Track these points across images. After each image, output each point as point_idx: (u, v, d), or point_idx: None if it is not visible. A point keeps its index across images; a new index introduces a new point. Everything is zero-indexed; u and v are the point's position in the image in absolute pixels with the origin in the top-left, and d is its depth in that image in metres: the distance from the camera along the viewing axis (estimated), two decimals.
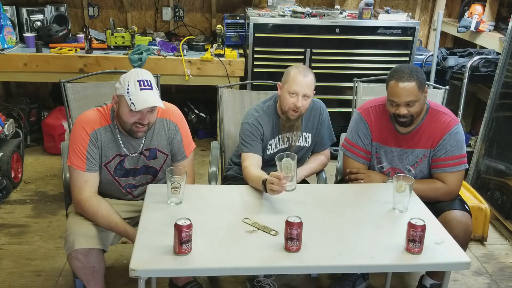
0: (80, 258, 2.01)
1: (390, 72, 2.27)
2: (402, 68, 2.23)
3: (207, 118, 4.40)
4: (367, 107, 2.42)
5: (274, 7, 4.16)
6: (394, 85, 2.20)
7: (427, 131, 2.31)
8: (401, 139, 2.35)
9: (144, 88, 2.02)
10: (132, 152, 2.18)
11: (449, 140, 2.28)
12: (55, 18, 4.06)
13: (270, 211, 1.98)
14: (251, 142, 2.39)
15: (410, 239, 1.75)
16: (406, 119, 2.24)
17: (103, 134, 2.12)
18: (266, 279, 2.46)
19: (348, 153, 2.44)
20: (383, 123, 2.37)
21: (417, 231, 1.72)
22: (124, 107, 2.04)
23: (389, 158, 2.39)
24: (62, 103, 2.71)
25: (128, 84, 2.01)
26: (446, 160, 2.28)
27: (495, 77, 3.44)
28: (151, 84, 2.06)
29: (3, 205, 3.28)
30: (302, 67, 2.36)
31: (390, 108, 2.26)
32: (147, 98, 2.02)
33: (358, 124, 2.41)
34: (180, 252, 1.67)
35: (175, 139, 2.24)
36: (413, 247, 1.74)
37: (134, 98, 2.00)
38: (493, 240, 3.14)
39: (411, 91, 2.17)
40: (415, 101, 2.19)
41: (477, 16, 4.02)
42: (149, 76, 2.07)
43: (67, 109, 2.65)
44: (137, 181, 2.25)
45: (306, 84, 2.32)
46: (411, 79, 2.17)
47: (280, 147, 2.48)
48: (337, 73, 3.90)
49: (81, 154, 2.08)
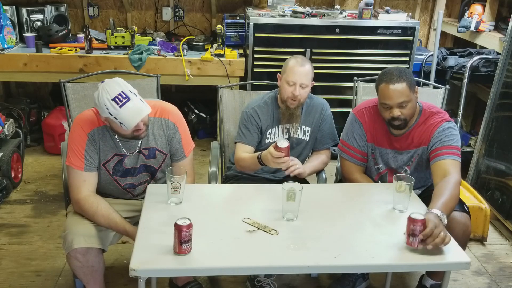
0: (79, 258, 2.01)
1: (379, 76, 2.27)
2: (390, 71, 2.23)
3: (207, 118, 4.40)
4: (361, 108, 2.43)
5: (274, 7, 4.16)
6: (385, 87, 2.20)
7: (419, 131, 2.31)
8: (395, 141, 2.35)
9: (123, 103, 1.93)
10: (131, 151, 2.18)
11: (442, 133, 2.25)
12: (55, 18, 4.06)
13: (270, 211, 1.98)
14: (245, 132, 2.47)
15: (410, 233, 1.76)
16: (401, 122, 2.23)
17: (100, 134, 2.12)
18: (266, 279, 2.46)
19: (344, 155, 2.45)
20: (377, 124, 2.38)
21: (417, 225, 1.74)
22: (116, 125, 2.01)
23: (385, 160, 2.39)
24: (62, 103, 2.71)
25: (106, 107, 1.94)
26: (443, 148, 2.22)
27: (495, 77, 3.43)
28: (126, 93, 1.95)
29: (3, 205, 3.28)
30: (300, 58, 2.41)
31: (384, 113, 2.26)
32: (133, 113, 1.95)
33: (353, 126, 2.42)
34: (180, 252, 1.67)
35: (174, 138, 2.24)
36: (413, 241, 1.75)
37: (120, 118, 1.95)
38: (493, 240, 3.14)
39: (402, 91, 2.18)
40: (407, 102, 2.19)
41: (477, 16, 4.02)
42: (118, 86, 1.97)
43: (67, 109, 2.65)
44: (135, 180, 2.25)
45: (303, 74, 2.36)
46: (401, 80, 2.18)
47: (279, 137, 2.51)
48: (337, 73, 3.90)
49: (79, 154, 2.08)
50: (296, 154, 2.52)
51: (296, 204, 1.92)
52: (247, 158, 2.39)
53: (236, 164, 2.47)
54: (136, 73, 3.19)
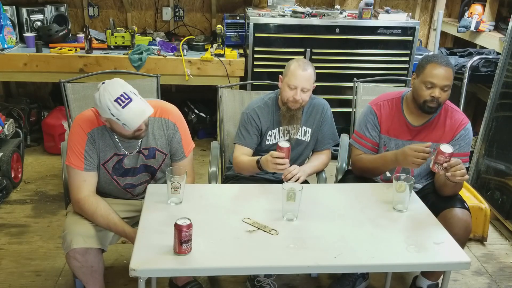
0: (78, 258, 2.00)
1: (426, 57, 2.30)
2: (440, 55, 2.31)
3: (207, 118, 4.40)
4: (380, 101, 2.46)
5: (274, 7, 4.16)
6: (434, 66, 2.23)
7: (440, 125, 2.35)
8: (414, 131, 2.38)
9: (125, 104, 1.91)
10: (131, 151, 2.18)
11: (464, 137, 2.34)
12: (55, 18, 4.06)
13: (270, 211, 1.98)
14: (244, 134, 2.46)
15: (436, 161, 2.04)
16: (436, 105, 2.26)
17: (100, 133, 2.11)
18: (266, 279, 2.46)
19: (355, 144, 2.48)
20: (395, 117, 2.40)
21: (443, 156, 2.02)
22: (117, 126, 1.99)
23: None
24: (62, 103, 2.71)
25: (108, 108, 1.92)
26: (459, 156, 2.27)
27: (495, 77, 3.43)
28: (128, 94, 1.94)
29: (3, 205, 3.28)
30: (302, 61, 2.40)
31: (424, 91, 2.25)
32: (135, 114, 1.94)
33: (367, 117, 2.45)
34: (180, 252, 1.68)
35: (174, 138, 2.24)
36: (437, 167, 2.05)
37: (123, 119, 1.93)
38: (493, 240, 3.14)
39: (449, 76, 2.23)
40: (449, 87, 2.24)
41: (477, 16, 4.02)
42: (120, 87, 1.96)
43: (67, 109, 2.65)
44: (135, 180, 2.25)
45: (305, 78, 2.35)
46: (449, 66, 2.24)
47: (279, 139, 2.50)
48: (337, 73, 3.90)
49: (79, 154, 2.08)
50: (296, 155, 2.52)
51: (296, 204, 1.92)
52: (245, 161, 2.38)
53: (234, 166, 2.47)
54: (136, 73, 3.19)
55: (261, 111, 2.48)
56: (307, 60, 2.45)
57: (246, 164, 2.38)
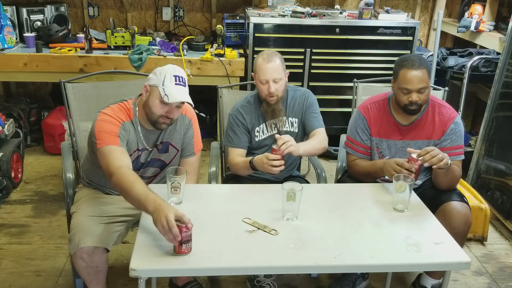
0: (84, 258, 2.01)
1: (399, 62, 2.31)
2: (411, 57, 2.29)
3: (207, 118, 4.40)
4: (366, 105, 2.46)
5: (274, 7, 4.17)
6: (406, 73, 2.24)
7: (429, 122, 2.36)
8: (404, 131, 2.39)
9: (178, 83, 2.07)
10: (150, 146, 2.22)
11: (454, 130, 2.34)
12: (55, 18, 4.06)
13: (270, 211, 1.98)
14: (232, 136, 2.48)
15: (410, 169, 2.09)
16: (417, 107, 2.28)
17: (129, 127, 2.15)
18: (266, 279, 2.46)
19: (348, 150, 2.49)
20: (384, 118, 2.41)
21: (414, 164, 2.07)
22: (155, 97, 2.07)
23: (393, 151, 2.41)
24: (62, 103, 2.71)
25: (164, 77, 2.06)
26: (451, 149, 2.32)
27: (495, 77, 3.44)
28: (185, 82, 2.12)
29: (3, 205, 3.28)
30: (266, 54, 2.41)
31: (402, 97, 2.28)
32: (180, 93, 2.07)
33: (357, 121, 2.46)
34: (180, 252, 1.68)
35: (187, 133, 2.29)
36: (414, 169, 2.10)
37: (168, 90, 2.04)
38: (493, 240, 3.14)
39: (423, 78, 2.23)
40: (425, 88, 2.25)
41: (477, 16, 4.02)
42: (184, 74, 2.13)
43: (67, 109, 2.64)
44: (141, 172, 2.25)
45: (273, 69, 2.35)
46: (422, 67, 2.24)
47: (268, 133, 2.51)
48: (337, 73, 3.90)
49: (114, 134, 2.07)
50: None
51: (296, 204, 1.92)
52: (240, 163, 2.40)
53: (231, 168, 2.48)
54: (136, 73, 3.18)
55: (245, 110, 2.49)
56: (272, 51, 2.45)
57: (240, 166, 2.39)
